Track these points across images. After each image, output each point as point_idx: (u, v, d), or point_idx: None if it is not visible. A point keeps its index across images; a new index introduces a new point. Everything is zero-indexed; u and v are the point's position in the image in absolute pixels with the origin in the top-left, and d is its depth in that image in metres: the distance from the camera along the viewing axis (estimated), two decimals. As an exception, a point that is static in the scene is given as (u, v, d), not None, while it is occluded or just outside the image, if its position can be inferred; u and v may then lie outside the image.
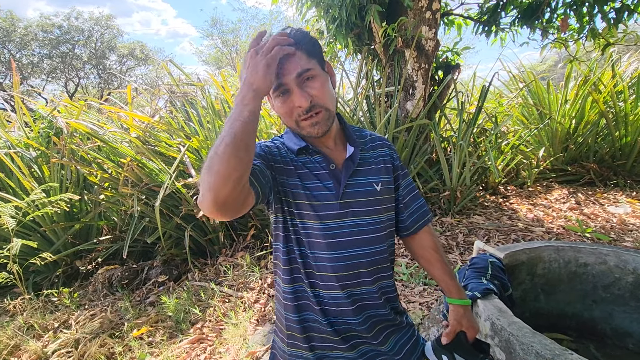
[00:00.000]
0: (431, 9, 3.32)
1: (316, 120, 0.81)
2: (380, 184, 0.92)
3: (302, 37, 0.80)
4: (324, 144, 0.91)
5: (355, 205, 0.88)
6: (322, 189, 0.86)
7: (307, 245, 0.88)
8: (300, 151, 0.88)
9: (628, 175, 4.28)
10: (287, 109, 0.81)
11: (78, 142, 3.29)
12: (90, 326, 2.27)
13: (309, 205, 0.86)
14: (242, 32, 20.05)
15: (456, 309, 0.97)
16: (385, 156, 0.98)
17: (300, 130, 0.85)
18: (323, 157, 0.89)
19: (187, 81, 4.16)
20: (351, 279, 0.89)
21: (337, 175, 0.88)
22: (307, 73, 0.79)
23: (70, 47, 17.82)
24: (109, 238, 3.26)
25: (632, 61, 4.90)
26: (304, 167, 0.88)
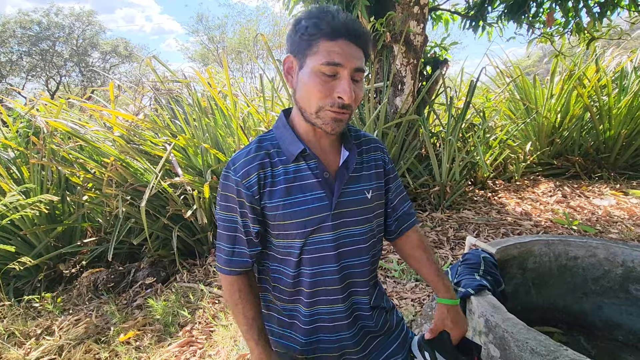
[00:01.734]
0: (419, 3, 3.30)
1: (341, 118, 0.76)
2: (371, 192, 0.88)
3: (368, 40, 0.77)
4: (320, 143, 0.85)
5: (347, 215, 0.84)
6: (314, 201, 0.81)
7: (296, 264, 0.84)
8: (298, 156, 0.81)
9: (612, 168, 4.37)
10: (324, 91, 0.73)
11: (59, 142, 3.18)
12: (74, 332, 2.20)
13: (297, 223, 0.80)
14: (228, 28, 19.81)
15: (440, 308, 0.95)
16: (378, 160, 0.93)
17: (315, 119, 0.77)
18: (317, 163, 0.82)
19: (172, 78, 4.07)
20: (345, 291, 0.86)
21: (330, 185, 0.83)
22: (360, 74, 0.76)
23: (51, 44, 17.34)
24: (93, 240, 3.17)
25: (615, 56, 4.99)
26: (295, 177, 0.81)
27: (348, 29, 0.72)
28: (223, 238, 0.85)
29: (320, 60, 0.72)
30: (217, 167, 3.14)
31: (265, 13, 20.41)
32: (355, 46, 0.74)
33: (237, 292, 0.86)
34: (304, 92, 0.76)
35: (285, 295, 0.88)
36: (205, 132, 3.31)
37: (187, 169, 3.10)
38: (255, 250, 0.85)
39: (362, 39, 0.74)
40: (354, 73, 0.73)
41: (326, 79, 0.73)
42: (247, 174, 0.80)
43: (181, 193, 2.91)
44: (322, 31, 0.71)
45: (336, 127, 0.77)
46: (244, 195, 0.80)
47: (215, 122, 3.41)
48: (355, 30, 0.73)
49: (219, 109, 3.43)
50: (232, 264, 0.85)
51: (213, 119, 3.41)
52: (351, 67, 0.72)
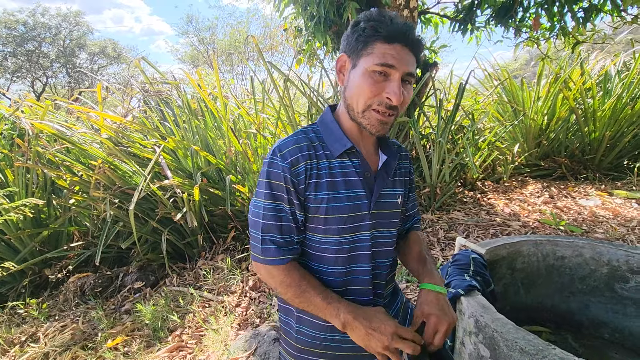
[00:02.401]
0: (408, 7, 3.33)
1: (387, 120, 0.79)
2: (400, 197, 0.92)
3: (421, 48, 0.80)
4: (363, 144, 0.87)
5: (381, 217, 0.86)
6: (354, 199, 0.82)
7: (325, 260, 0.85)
8: (343, 153, 0.83)
9: (597, 169, 4.46)
10: (374, 91, 0.75)
11: (44, 144, 3.11)
12: (60, 338, 2.15)
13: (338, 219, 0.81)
14: (219, 30, 19.69)
15: (422, 295, 0.87)
16: (406, 169, 0.98)
17: (360, 118, 0.79)
18: (360, 162, 0.84)
19: (161, 80, 4.03)
20: (372, 292, 0.88)
21: (370, 185, 0.85)
22: (411, 78, 0.78)
23: (37, 45, 17.03)
24: (80, 244, 3.12)
25: (599, 59, 5.11)
26: (339, 173, 0.82)
27: (404, 34, 0.75)
28: (271, 229, 0.81)
29: (374, 61, 0.74)
30: (207, 169, 3.11)
31: (256, 15, 20.37)
32: (410, 52, 0.76)
33: (296, 272, 0.82)
34: (354, 90, 0.79)
35: None
36: (195, 134, 3.28)
37: (177, 172, 3.06)
38: (301, 237, 0.86)
39: (416, 46, 0.77)
40: (405, 76, 0.76)
41: (378, 78, 0.75)
42: (297, 162, 0.79)
43: (171, 196, 2.87)
44: (379, 34, 0.74)
45: (381, 129, 0.79)
46: (291, 182, 0.79)
47: (206, 124, 3.39)
48: (411, 37, 0.76)
49: (209, 111, 3.41)
50: (285, 254, 0.82)
51: (203, 121, 3.39)
52: (403, 71, 0.75)
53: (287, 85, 3.20)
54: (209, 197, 3.10)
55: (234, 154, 3.24)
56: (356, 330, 0.76)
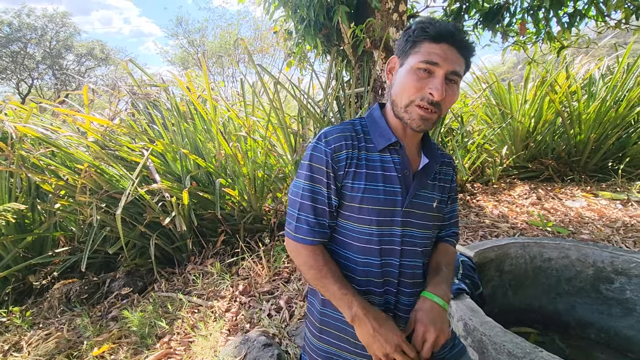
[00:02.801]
0: (398, 10, 3.36)
1: (429, 117, 0.80)
2: (436, 202, 0.92)
3: (472, 51, 0.82)
4: (408, 143, 0.90)
5: (413, 217, 0.87)
6: (390, 193, 0.84)
7: (353, 248, 0.87)
8: (386, 148, 0.85)
9: (582, 171, 4.54)
10: (417, 86, 0.78)
11: (29, 148, 3.04)
12: (44, 347, 2.09)
13: (371, 210, 0.83)
14: (209, 32, 19.59)
15: (419, 301, 0.88)
16: (448, 176, 0.98)
17: (403, 113, 0.82)
18: (401, 160, 0.87)
19: (150, 82, 3.98)
20: (393, 288, 0.89)
21: (408, 183, 0.86)
22: (456, 77, 0.80)
23: (22, 46, 16.71)
24: (66, 250, 3.05)
25: (584, 63, 5.22)
26: (379, 166, 0.85)
27: (453, 35, 0.78)
28: (306, 208, 0.85)
29: (419, 59, 0.78)
30: (197, 172, 3.08)
31: (247, 17, 20.29)
32: (457, 52, 0.79)
33: (321, 256, 0.86)
34: (399, 86, 0.82)
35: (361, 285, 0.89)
36: (185, 137, 3.25)
37: (166, 175, 3.02)
38: (334, 222, 0.88)
39: (465, 47, 0.80)
40: (449, 74, 0.78)
41: (422, 75, 0.78)
42: (339, 149, 0.83)
43: (159, 200, 2.83)
44: (427, 34, 0.78)
45: (422, 125, 0.81)
46: (331, 167, 0.83)
47: (195, 127, 3.36)
48: (459, 38, 0.79)
49: (199, 113, 3.38)
50: (315, 235, 0.86)
51: (192, 124, 3.35)
52: (447, 69, 0.77)
53: (277, 88, 3.19)
54: (199, 200, 3.07)
55: (224, 157, 3.22)
56: (363, 327, 0.79)
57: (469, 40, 0.81)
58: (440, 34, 0.77)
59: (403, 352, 0.78)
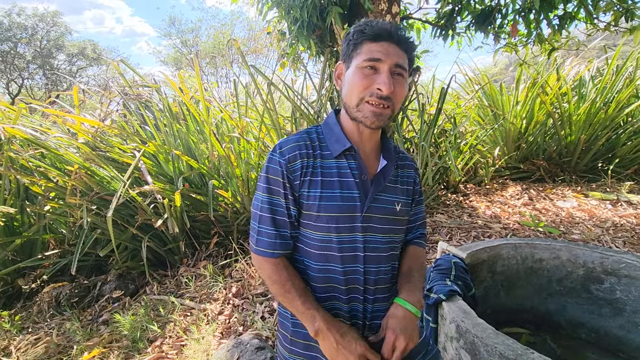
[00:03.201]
0: (391, 12, 3.37)
1: (382, 112, 0.81)
2: (400, 204, 0.91)
3: (410, 46, 0.84)
4: (363, 146, 0.90)
5: (375, 222, 0.87)
6: (348, 199, 0.84)
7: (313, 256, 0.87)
8: (341, 153, 0.86)
9: (573, 172, 4.60)
10: (365, 84, 0.80)
11: (17, 149, 2.99)
12: (33, 352, 2.06)
13: (329, 217, 0.83)
14: (202, 32, 19.49)
15: (391, 308, 0.88)
16: (410, 178, 0.98)
17: (356, 112, 0.83)
18: (358, 165, 0.87)
19: (142, 83, 3.94)
20: (359, 295, 0.88)
21: (366, 188, 0.86)
22: (401, 70, 0.81)
23: (12, 46, 16.47)
24: (56, 253, 3.00)
25: (574, 65, 5.29)
26: (335, 173, 0.85)
27: (390, 33, 0.80)
28: (266, 221, 0.86)
29: (363, 58, 0.80)
30: (190, 174, 3.06)
31: (240, 17, 20.22)
32: (397, 47, 0.81)
33: (284, 270, 0.86)
34: (348, 88, 0.83)
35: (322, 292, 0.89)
36: (177, 138, 3.22)
37: (158, 177, 2.99)
38: (295, 233, 0.88)
39: (404, 43, 0.82)
40: (394, 68, 0.79)
41: (368, 72, 0.80)
42: (294, 159, 0.84)
43: (151, 202, 2.80)
44: (366, 35, 0.81)
45: (375, 121, 0.81)
46: (287, 177, 0.84)
47: (187, 128, 3.33)
48: (397, 35, 0.81)
49: (191, 114, 3.35)
50: (276, 247, 0.86)
51: (185, 124, 3.33)
52: (391, 63, 0.79)
53: (271, 89, 3.18)
54: (191, 202, 3.04)
55: (217, 159, 3.20)
56: (326, 341, 0.79)
57: (408, 36, 0.83)
58: (378, 33, 0.80)
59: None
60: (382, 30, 0.80)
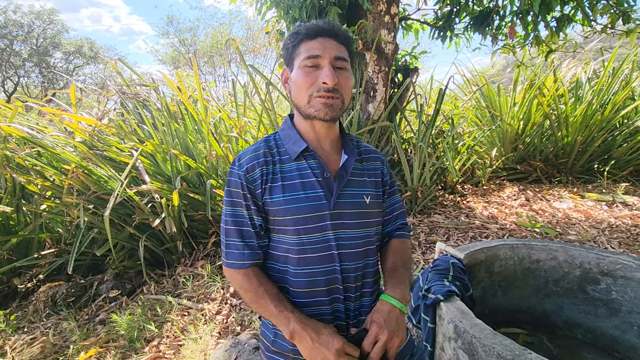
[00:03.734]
0: (390, 13, 3.38)
1: (332, 102, 0.82)
2: (369, 197, 0.91)
3: (349, 38, 0.86)
4: (321, 144, 0.91)
5: (346, 217, 0.86)
6: (313, 199, 0.84)
7: (290, 261, 0.86)
8: (299, 155, 0.86)
9: (569, 173, 4.63)
10: (309, 81, 0.81)
11: (14, 148, 2.97)
12: (29, 352, 2.05)
13: (296, 220, 0.83)
14: (200, 31, 19.44)
15: (377, 304, 0.87)
16: (377, 170, 0.98)
17: (308, 109, 0.83)
18: (318, 164, 0.87)
19: (139, 82, 3.93)
20: (339, 295, 0.87)
21: (330, 185, 0.86)
22: (342, 62, 0.83)
23: (8, 43, 16.37)
24: (52, 252, 2.99)
25: (571, 67, 5.32)
26: (296, 175, 0.85)
27: (324, 29, 0.82)
28: (232, 234, 0.87)
29: (302, 57, 0.82)
30: (187, 173, 3.05)
31: (239, 17, 20.18)
32: (335, 41, 0.82)
33: (255, 278, 0.86)
34: (295, 88, 0.84)
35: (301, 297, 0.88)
36: (175, 137, 3.21)
37: (156, 176, 2.99)
38: (263, 242, 0.89)
39: (340, 36, 0.83)
40: (334, 61, 0.81)
41: (310, 70, 0.81)
42: (252, 169, 0.86)
43: (149, 201, 2.80)
44: (302, 35, 0.83)
45: (329, 112, 0.82)
46: (247, 189, 0.85)
47: (186, 127, 3.32)
48: (332, 29, 0.82)
49: (189, 114, 3.35)
50: (245, 258, 0.86)
51: (183, 124, 3.32)
52: (330, 56, 0.80)
53: (269, 89, 3.18)
54: (189, 202, 3.04)
55: (215, 158, 3.19)
56: (303, 342, 0.78)
57: (343, 29, 0.85)
58: (312, 30, 0.82)
59: (347, 354, 0.76)
60: (316, 27, 0.82)
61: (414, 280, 1.56)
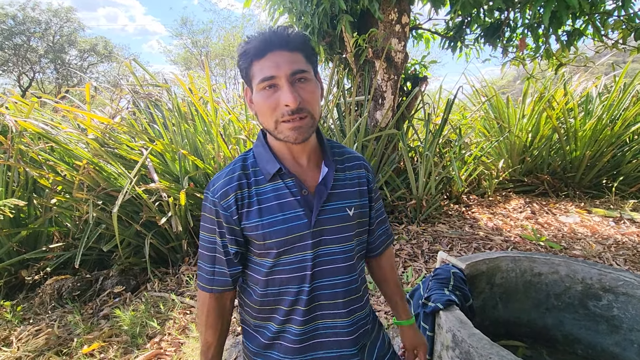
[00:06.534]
0: (400, 22, 3.41)
1: (299, 125, 0.75)
2: (353, 209, 0.86)
3: (302, 40, 0.77)
4: (297, 160, 0.85)
5: (327, 233, 0.83)
6: (292, 220, 0.80)
7: (279, 282, 0.84)
8: (275, 175, 0.82)
9: (577, 187, 4.59)
10: (271, 105, 0.74)
11: (28, 142, 3.05)
12: (34, 343, 2.09)
13: (277, 243, 0.80)
14: (213, 34, 19.69)
15: (407, 331, 1.05)
16: (362, 178, 0.92)
17: (276, 134, 0.77)
18: (295, 181, 0.82)
19: (152, 82, 4.00)
20: (326, 310, 0.85)
21: (309, 202, 0.82)
22: (301, 74, 0.74)
23: (25, 39, 16.71)
24: (60, 246, 3.04)
25: (582, 81, 5.30)
26: (273, 196, 0.81)
27: (272, 41, 0.73)
28: (204, 258, 0.86)
29: (258, 80, 0.74)
30: (195, 173, 3.10)
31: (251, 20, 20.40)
32: (288, 52, 0.74)
33: (206, 312, 0.88)
34: (260, 113, 0.78)
35: (264, 313, 0.87)
36: (184, 138, 3.27)
37: (164, 175, 3.04)
38: (235, 270, 0.86)
39: (292, 43, 0.74)
40: (291, 77, 0.73)
41: (269, 92, 0.74)
42: (225, 195, 0.81)
43: (156, 199, 2.84)
44: (251, 54, 0.74)
45: (299, 135, 0.75)
46: (222, 215, 0.81)
47: (195, 128, 3.38)
48: (281, 39, 0.74)
49: (199, 115, 3.40)
50: (213, 283, 0.85)
51: (193, 125, 3.38)
52: (286, 74, 0.72)
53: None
54: (195, 202, 3.08)
55: (223, 160, 3.24)
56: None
57: (294, 32, 0.76)
58: (260, 48, 0.73)
59: None
60: (264, 42, 0.73)
61: (414, 289, 1.57)
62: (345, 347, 0.87)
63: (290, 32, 0.75)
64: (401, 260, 2.78)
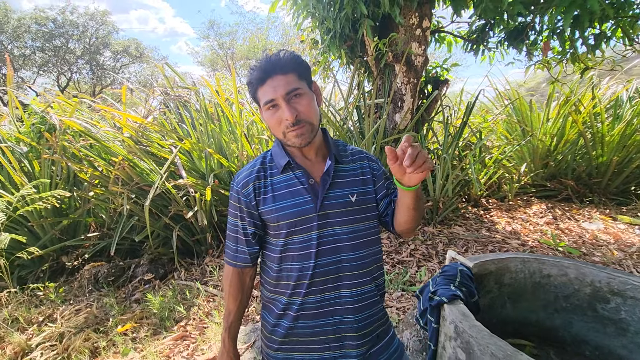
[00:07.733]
0: (421, 26, 3.46)
1: (301, 132, 0.93)
2: (355, 195, 1.01)
3: (294, 61, 0.93)
4: (306, 155, 1.03)
5: (333, 216, 0.98)
6: (300, 204, 0.96)
7: (290, 259, 0.99)
8: (285, 167, 0.99)
9: (603, 193, 4.47)
10: (276, 121, 0.93)
11: (70, 139, 3.32)
12: (75, 320, 2.31)
13: (287, 224, 0.96)
14: (239, 36, 20.15)
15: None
16: (365, 168, 1.07)
17: (286, 141, 0.96)
18: (303, 172, 0.99)
19: (181, 84, 4.23)
20: (330, 284, 0.98)
21: (316, 190, 0.98)
22: (295, 91, 0.91)
23: (64, 41, 17.67)
24: (96, 235, 3.29)
25: (611, 85, 5.14)
26: (284, 185, 0.99)
27: (268, 69, 0.90)
28: (230, 238, 1.06)
29: (262, 103, 0.93)
30: (220, 171, 3.27)
31: (276, 22, 20.73)
32: (282, 75, 0.90)
33: (229, 283, 1.06)
34: (270, 127, 0.98)
35: (278, 287, 1.02)
36: (211, 137, 3.45)
37: (191, 172, 3.23)
38: (253, 249, 1.04)
39: (285, 67, 0.91)
40: (287, 96, 0.90)
41: (273, 111, 0.93)
42: (246, 184, 1.00)
43: (184, 195, 3.03)
44: (255, 84, 0.94)
45: (302, 141, 0.94)
46: (243, 202, 1.00)
47: (221, 128, 3.56)
48: (275, 66, 0.90)
49: (225, 116, 3.58)
50: (236, 259, 1.05)
51: (219, 125, 3.56)
52: (282, 94, 0.90)
53: (300, 96, 3.34)
54: (220, 197, 3.26)
55: (246, 158, 3.40)
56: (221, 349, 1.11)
57: (288, 55, 0.91)
58: (260, 77, 0.91)
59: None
60: (262, 71, 0.91)
61: (424, 285, 1.66)
62: (348, 314, 0.99)
63: (282, 56, 0.91)
64: (415, 260, 2.84)
